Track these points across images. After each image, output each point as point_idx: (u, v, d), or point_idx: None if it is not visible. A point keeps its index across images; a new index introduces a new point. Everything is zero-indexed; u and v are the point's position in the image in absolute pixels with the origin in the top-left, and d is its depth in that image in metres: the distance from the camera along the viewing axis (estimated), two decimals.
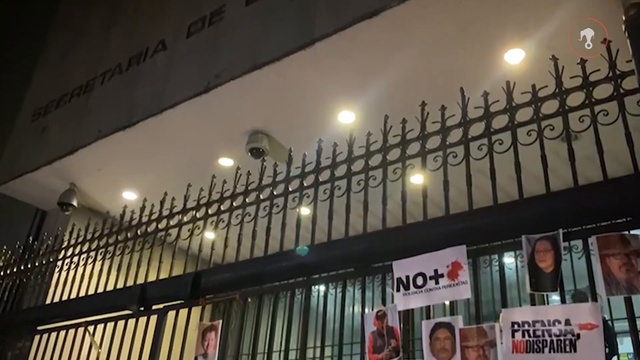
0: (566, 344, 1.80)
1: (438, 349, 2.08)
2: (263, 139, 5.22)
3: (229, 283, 2.97)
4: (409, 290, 2.26)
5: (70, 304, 3.70)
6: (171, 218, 3.52)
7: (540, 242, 1.99)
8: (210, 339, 2.84)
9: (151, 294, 3.23)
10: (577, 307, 1.85)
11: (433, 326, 2.14)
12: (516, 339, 1.90)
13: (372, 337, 2.30)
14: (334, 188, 2.81)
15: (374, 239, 2.52)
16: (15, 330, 3.95)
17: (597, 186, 2.02)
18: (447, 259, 2.18)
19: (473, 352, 1.99)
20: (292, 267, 2.79)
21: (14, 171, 6.59)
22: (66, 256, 4.05)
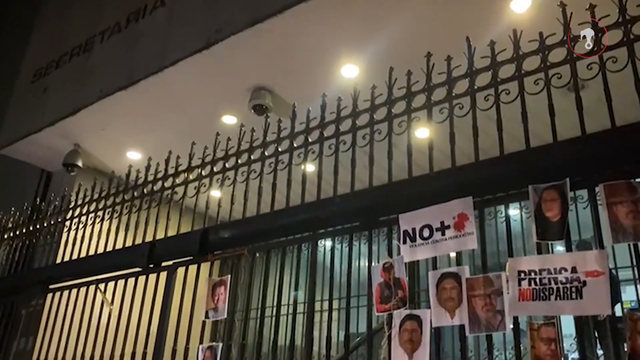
0: (572, 291, 1.82)
1: (445, 299, 2.11)
2: (266, 96, 5.17)
3: (236, 239, 3.00)
4: (415, 242, 2.28)
5: (80, 263, 3.76)
6: (177, 176, 3.53)
7: (547, 191, 1.99)
8: (220, 294, 2.89)
9: (160, 251, 3.27)
10: (583, 254, 1.86)
11: (440, 276, 2.16)
12: (522, 287, 1.92)
13: (380, 288, 2.33)
14: (339, 143, 2.79)
15: (380, 193, 2.52)
16: (27, 289, 4.02)
17: (604, 134, 2.00)
18: (454, 211, 2.19)
19: (479, 300, 2.02)
20: (298, 222, 2.81)
21: (18, 133, 6.58)
22: (74, 216, 4.08)
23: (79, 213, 4.05)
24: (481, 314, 2.00)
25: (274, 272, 2.92)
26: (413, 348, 2.13)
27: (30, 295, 4.02)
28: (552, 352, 1.81)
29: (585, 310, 1.80)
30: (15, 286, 4.13)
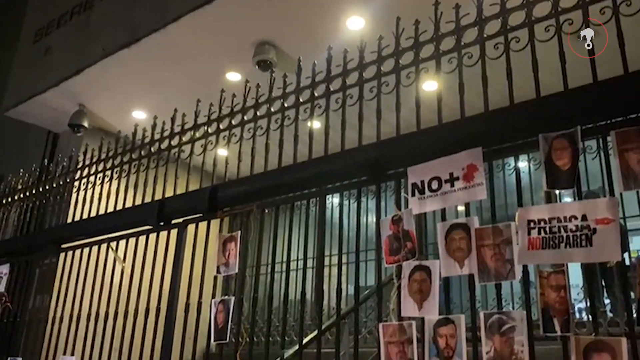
0: (582, 239, 1.82)
1: (453, 249, 2.12)
2: (270, 51, 5.10)
3: (245, 195, 3.01)
4: (424, 195, 2.28)
5: (91, 222, 3.79)
6: (183, 134, 3.52)
7: (558, 140, 1.97)
8: (230, 249, 2.92)
9: (169, 209, 3.29)
10: (594, 202, 1.85)
11: (449, 227, 2.17)
12: (532, 236, 1.92)
13: (389, 240, 2.35)
14: (345, 97, 2.76)
15: (388, 146, 2.50)
16: (40, 249, 4.08)
17: (616, 80, 1.96)
18: (463, 162, 2.18)
19: (489, 250, 2.03)
20: (306, 177, 2.81)
21: (22, 94, 6.56)
22: (82, 176, 4.10)
23: (87, 173, 4.07)
24: (490, 263, 2.01)
25: (283, 228, 2.95)
26: (422, 298, 2.15)
27: (44, 255, 4.08)
28: (561, 299, 1.83)
29: (594, 257, 1.81)
30: (28, 246, 4.19)
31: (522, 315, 1.91)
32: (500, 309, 2.01)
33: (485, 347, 1.93)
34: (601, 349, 1.71)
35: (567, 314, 1.82)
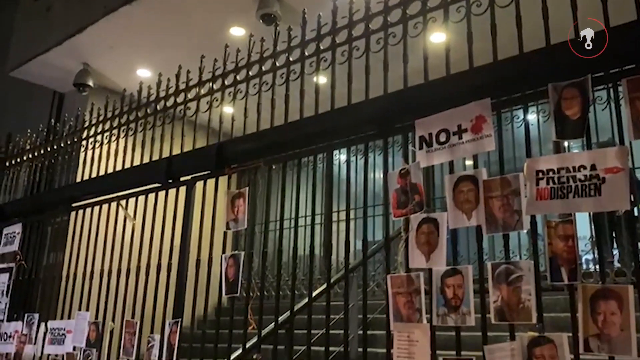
0: (591, 189, 1.81)
1: (461, 201, 2.13)
2: (274, 4, 5.00)
3: (252, 152, 3.01)
4: (432, 147, 2.26)
5: (100, 181, 3.82)
6: (188, 91, 3.50)
7: (568, 89, 1.94)
8: (239, 205, 2.94)
9: (177, 166, 3.31)
10: (603, 151, 1.83)
11: (457, 180, 2.16)
12: (540, 187, 1.92)
13: (396, 194, 2.35)
14: (352, 49, 2.72)
15: (395, 99, 2.48)
16: (51, 208, 4.13)
17: (628, 27, 1.92)
18: (471, 113, 2.15)
19: (497, 201, 2.03)
20: (313, 132, 2.80)
21: (26, 54, 6.51)
22: (89, 135, 4.11)
23: (94, 132, 4.07)
24: (498, 214, 2.02)
25: (290, 185, 2.95)
26: (430, 250, 2.17)
27: (55, 214, 4.13)
28: (569, 249, 1.84)
29: (603, 206, 1.81)
30: (39, 206, 4.24)
31: (529, 265, 1.92)
32: (508, 259, 2.02)
33: (493, 296, 1.96)
34: (608, 296, 1.72)
35: (575, 263, 1.83)
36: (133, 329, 3.18)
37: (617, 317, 1.69)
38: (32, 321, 3.83)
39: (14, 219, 4.36)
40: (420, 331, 2.12)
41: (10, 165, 4.82)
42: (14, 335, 3.92)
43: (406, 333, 2.16)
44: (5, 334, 4.00)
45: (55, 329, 3.62)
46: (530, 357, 1.84)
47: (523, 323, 1.90)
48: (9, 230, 4.29)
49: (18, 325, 3.92)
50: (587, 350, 1.73)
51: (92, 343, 3.37)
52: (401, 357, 2.16)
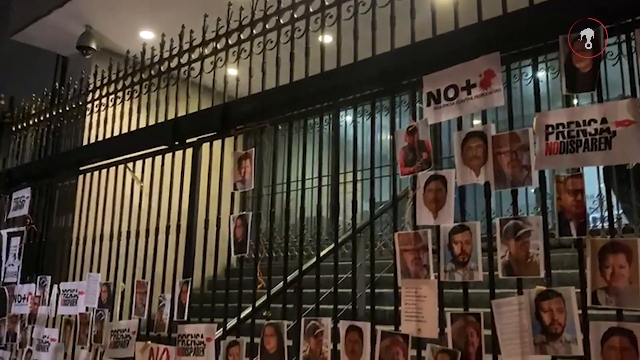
0: (601, 142, 1.79)
1: (470, 157, 2.11)
2: None
3: (257, 112, 2.98)
4: (440, 104, 2.24)
5: (106, 144, 3.82)
6: (192, 51, 3.46)
7: (579, 41, 1.89)
8: (246, 166, 2.94)
9: (183, 128, 3.29)
10: (614, 104, 1.80)
11: (465, 136, 2.14)
12: (550, 141, 1.90)
13: (404, 151, 2.33)
14: (357, 4, 2.66)
15: (402, 55, 2.43)
16: (59, 172, 4.14)
17: None
18: (480, 68, 2.12)
19: (505, 157, 2.01)
20: (319, 91, 2.76)
21: (27, 17, 6.44)
22: (94, 99, 4.09)
23: (99, 95, 4.05)
24: (507, 170, 2.00)
25: (297, 147, 2.94)
26: (437, 207, 2.17)
27: (62, 178, 4.15)
28: (577, 203, 1.83)
29: (613, 159, 1.78)
30: (47, 170, 4.25)
31: (538, 220, 1.92)
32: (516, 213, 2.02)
33: (500, 251, 1.96)
34: (616, 249, 1.72)
35: (584, 217, 1.83)
36: (144, 289, 3.23)
37: (626, 270, 1.69)
38: (44, 283, 3.89)
39: (23, 183, 4.39)
40: (428, 287, 2.14)
41: (17, 130, 4.83)
42: (27, 297, 3.99)
43: (414, 289, 2.17)
44: (19, 295, 4.07)
45: (68, 291, 3.68)
46: (537, 311, 1.85)
47: (531, 277, 1.90)
48: (18, 195, 4.33)
49: (31, 287, 3.99)
50: (595, 303, 1.73)
51: (104, 303, 3.43)
52: (409, 313, 2.18)
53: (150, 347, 3.05)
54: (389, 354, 2.17)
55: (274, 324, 2.59)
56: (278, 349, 2.54)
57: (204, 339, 2.81)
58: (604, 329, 1.71)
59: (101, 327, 3.37)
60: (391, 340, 2.19)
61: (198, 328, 2.87)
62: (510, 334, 1.90)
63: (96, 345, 3.36)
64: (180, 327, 2.94)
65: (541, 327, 1.83)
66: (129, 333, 3.21)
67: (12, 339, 4.03)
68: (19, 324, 4.00)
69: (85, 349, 3.43)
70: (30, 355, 3.81)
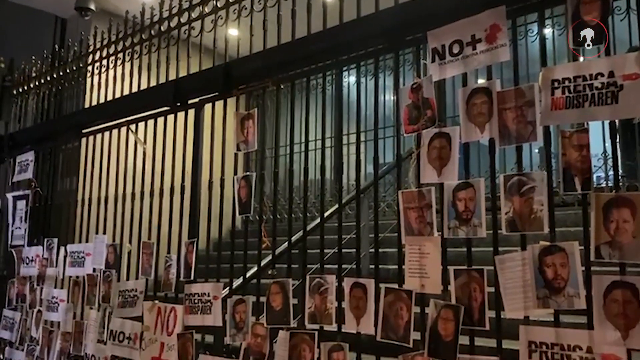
0: (608, 97, 1.77)
1: (474, 114, 2.09)
2: None
3: (259, 71, 2.95)
4: (445, 60, 2.20)
5: (108, 106, 3.80)
6: (192, 10, 3.40)
7: None
8: (248, 127, 2.92)
9: (185, 88, 3.27)
10: (622, 57, 1.77)
11: (470, 92, 2.12)
12: (556, 96, 1.87)
13: (407, 109, 2.31)
14: None
15: (407, 9, 2.38)
16: (61, 134, 4.13)
17: None
18: (486, 22, 2.08)
19: (510, 113, 1.99)
20: (322, 49, 2.72)
21: None
22: (95, 60, 4.05)
23: (99, 57, 4.01)
24: (512, 126, 1.99)
25: (300, 108, 2.91)
26: (442, 164, 2.16)
27: (66, 140, 4.14)
28: (583, 158, 1.82)
29: (620, 114, 1.77)
30: (49, 133, 4.25)
31: (542, 176, 1.91)
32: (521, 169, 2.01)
33: (504, 208, 1.96)
34: (621, 204, 1.72)
35: (589, 172, 1.82)
36: (150, 249, 3.26)
37: (630, 225, 1.69)
38: (51, 245, 3.93)
39: (26, 146, 4.39)
40: (431, 244, 2.15)
41: (18, 93, 4.80)
42: (35, 259, 4.04)
43: (417, 246, 2.19)
44: (27, 258, 4.12)
45: (75, 252, 3.72)
46: (541, 266, 1.86)
47: (534, 233, 1.91)
48: (22, 158, 4.33)
49: (38, 250, 4.03)
50: (598, 258, 1.74)
51: (111, 264, 3.47)
52: (412, 270, 2.20)
53: (158, 307, 3.10)
54: (393, 310, 2.20)
55: (280, 282, 2.62)
56: (284, 306, 2.57)
57: (211, 297, 2.85)
58: (607, 282, 1.73)
59: (109, 288, 3.42)
60: (395, 296, 2.21)
61: (205, 287, 2.91)
62: (513, 288, 1.92)
63: (104, 305, 3.42)
64: (187, 287, 2.98)
65: (544, 282, 1.85)
66: (136, 293, 3.25)
67: (22, 300, 4.10)
68: (28, 286, 4.06)
69: (94, 309, 3.49)
70: (40, 316, 3.89)
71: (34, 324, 3.93)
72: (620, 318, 1.68)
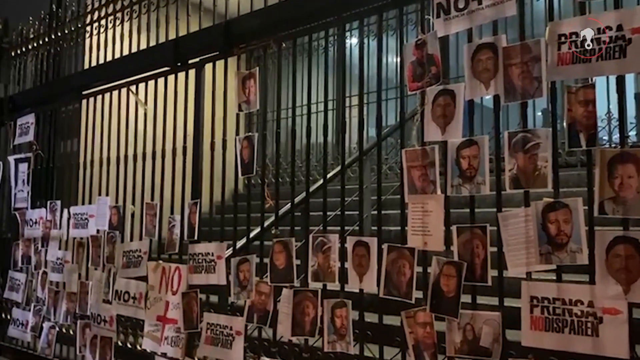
0: (615, 51, 1.74)
1: (480, 70, 2.06)
2: None
3: (261, 29, 2.90)
4: (450, 15, 2.16)
5: (108, 67, 3.76)
6: None
7: None
8: (250, 86, 2.89)
9: (185, 48, 3.23)
10: (632, 10, 1.72)
11: (475, 48, 2.08)
12: (562, 52, 1.84)
13: (412, 66, 2.28)
14: None
15: None
16: (61, 96, 4.10)
17: None
18: None
19: (516, 69, 1.97)
20: (324, 5, 2.68)
21: None
22: (93, 20, 3.99)
23: (98, 17, 3.95)
24: (517, 82, 1.96)
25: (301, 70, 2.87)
26: (446, 122, 2.14)
27: (66, 102, 4.11)
28: (589, 114, 1.80)
29: (628, 68, 1.74)
30: (49, 95, 4.21)
31: (547, 133, 1.90)
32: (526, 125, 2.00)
33: (508, 165, 1.95)
34: (626, 159, 1.71)
35: (594, 128, 1.80)
36: (153, 210, 3.27)
37: (634, 180, 1.69)
38: (55, 207, 3.95)
39: (26, 109, 4.36)
40: (434, 201, 2.15)
41: (16, 55, 4.74)
42: (39, 221, 4.06)
43: (420, 204, 2.19)
44: (31, 220, 4.14)
45: (78, 214, 3.73)
46: (544, 222, 1.86)
47: (538, 190, 1.90)
48: (23, 121, 4.31)
49: (42, 212, 4.05)
50: (602, 213, 1.74)
51: (115, 226, 3.48)
52: (415, 228, 2.20)
53: (162, 266, 3.13)
54: (395, 267, 2.22)
55: (283, 241, 2.63)
56: (287, 265, 2.59)
57: (215, 257, 2.87)
58: (610, 238, 1.73)
59: (113, 249, 3.44)
60: (397, 253, 2.23)
61: (208, 247, 2.93)
62: (516, 245, 1.92)
63: (109, 266, 3.45)
64: (191, 247, 3.00)
65: (547, 238, 1.85)
66: (140, 253, 3.28)
67: (27, 262, 4.14)
68: (32, 247, 4.09)
69: (98, 270, 3.53)
70: (45, 277, 3.93)
71: (39, 285, 3.98)
72: (622, 272, 1.69)
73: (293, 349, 2.63)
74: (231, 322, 2.77)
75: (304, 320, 2.50)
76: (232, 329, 2.75)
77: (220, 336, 2.80)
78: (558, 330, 1.80)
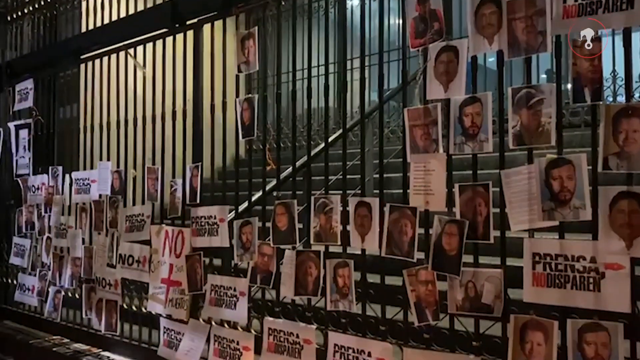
0: (623, 2, 1.70)
1: (483, 25, 2.02)
2: None
3: None
4: None
5: (105, 30, 3.71)
6: None
7: None
8: (249, 47, 2.84)
9: (182, 8, 3.17)
10: None
11: (478, 2, 2.04)
12: (568, 4, 1.80)
13: (414, 22, 2.24)
14: None
15: None
16: (59, 61, 4.05)
17: None
18: None
19: (520, 23, 1.92)
20: None
21: None
22: None
23: None
24: (521, 36, 1.92)
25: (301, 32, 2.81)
26: (448, 79, 2.11)
27: (64, 67, 4.07)
28: (594, 68, 1.75)
29: (635, 20, 1.69)
30: (47, 59, 4.17)
31: (551, 88, 1.86)
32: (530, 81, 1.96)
33: (512, 122, 1.93)
34: (631, 114, 1.68)
35: (599, 82, 1.77)
36: (155, 174, 3.26)
37: (639, 135, 1.67)
38: (56, 173, 3.94)
39: (25, 75, 4.32)
40: (436, 160, 2.13)
41: (12, 19, 4.67)
42: (41, 187, 4.07)
43: (422, 163, 2.17)
44: (33, 186, 4.15)
45: (80, 179, 3.73)
46: (547, 179, 1.85)
47: (541, 146, 1.88)
48: (22, 87, 4.27)
49: (44, 178, 4.05)
50: (606, 169, 1.73)
51: (117, 190, 3.49)
52: (417, 187, 2.19)
53: (165, 230, 3.14)
54: (397, 226, 2.21)
55: (285, 203, 2.63)
56: (289, 227, 2.60)
57: (217, 219, 2.88)
58: (613, 193, 1.72)
59: (116, 213, 3.45)
60: (399, 213, 2.22)
61: (211, 210, 2.93)
62: (518, 202, 1.91)
63: (112, 230, 3.47)
64: (194, 210, 3.00)
65: (550, 195, 1.84)
66: (143, 217, 3.29)
67: (31, 228, 4.16)
68: (35, 213, 4.11)
69: (102, 234, 3.54)
70: (50, 242, 3.95)
71: (44, 250, 4.00)
72: (626, 228, 1.68)
73: (296, 309, 2.66)
74: (235, 283, 2.79)
75: (307, 281, 2.51)
76: (236, 290, 2.78)
77: (224, 297, 2.82)
78: (560, 286, 1.80)
